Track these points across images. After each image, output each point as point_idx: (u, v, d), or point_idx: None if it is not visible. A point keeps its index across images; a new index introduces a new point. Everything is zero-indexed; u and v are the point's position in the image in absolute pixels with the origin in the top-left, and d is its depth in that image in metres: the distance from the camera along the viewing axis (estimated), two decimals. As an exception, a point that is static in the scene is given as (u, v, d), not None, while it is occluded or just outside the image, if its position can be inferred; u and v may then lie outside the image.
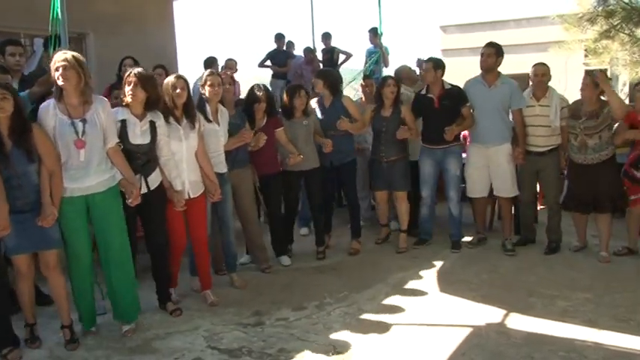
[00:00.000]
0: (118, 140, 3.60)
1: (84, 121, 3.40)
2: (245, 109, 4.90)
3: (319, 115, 5.32)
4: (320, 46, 9.53)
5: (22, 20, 6.61)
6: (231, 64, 8.13)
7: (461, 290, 4.41)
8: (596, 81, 4.80)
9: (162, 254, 4.05)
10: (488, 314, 3.94)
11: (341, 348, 3.50)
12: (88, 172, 3.44)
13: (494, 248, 5.43)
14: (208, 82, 4.30)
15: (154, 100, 3.77)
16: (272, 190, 5.05)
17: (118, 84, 4.93)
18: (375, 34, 8.87)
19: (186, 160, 4.03)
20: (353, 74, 9.82)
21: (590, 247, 5.31)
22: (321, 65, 9.32)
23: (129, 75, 3.70)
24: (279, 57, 9.65)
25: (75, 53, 3.39)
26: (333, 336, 3.67)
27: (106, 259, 3.65)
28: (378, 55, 8.61)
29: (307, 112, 5.16)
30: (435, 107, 5.25)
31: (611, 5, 8.40)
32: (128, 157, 3.67)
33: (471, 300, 4.21)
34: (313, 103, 5.40)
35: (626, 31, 8.52)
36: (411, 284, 4.61)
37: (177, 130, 3.96)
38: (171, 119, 3.94)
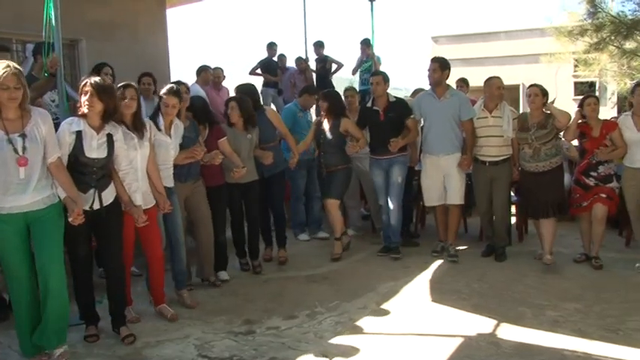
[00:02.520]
0: (59, 154, 3.34)
1: (23, 136, 3.15)
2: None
3: None
4: (313, 55, 9.54)
5: (13, 26, 6.59)
6: (217, 73, 8.10)
7: (451, 300, 4.42)
8: (543, 89, 5.15)
9: (119, 276, 3.84)
10: (478, 324, 3.95)
11: (332, 357, 3.49)
12: (27, 188, 3.19)
13: (485, 258, 5.46)
14: (163, 102, 4.21)
15: (111, 112, 3.56)
16: (220, 202, 4.87)
17: None
18: (367, 45, 8.94)
19: (140, 169, 3.88)
20: (345, 83, 9.84)
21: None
22: (314, 75, 9.37)
23: (85, 84, 3.48)
24: (271, 66, 9.66)
25: (14, 64, 3.14)
26: (324, 345, 3.67)
27: (44, 286, 3.31)
28: (369, 64, 8.67)
29: (249, 126, 5.03)
30: (380, 120, 5.44)
31: (601, 18, 8.51)
32: (82, 170, 3.49)
33: (461, 309, 4.22)
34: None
35: (615, 44, 8.64)
36: (402, 293, 4.62)
37: (132, 138, 3.80)
38: (124, 127, 3.76)
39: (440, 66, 5.38)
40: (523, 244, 5.98)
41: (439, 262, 5.40)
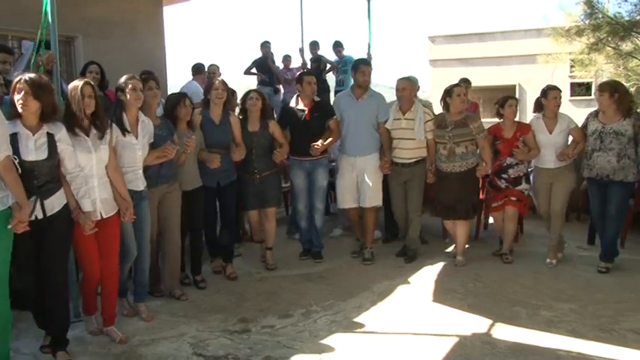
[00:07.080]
0: (8, 153, 2.96)
1: None
2: (168, 116, 4.48)
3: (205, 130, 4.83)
4: (308, 55, 9.64)
5: (10, 22, 6.57)
6: (213, 69, 8.11)
7: (446, 299, 4.43)
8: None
9: (58, 295, 3.44)
10: (473, 323, 3.96)
11: (327, 356, 3.50)
12: None
13: (480, 258, 5.46)
14: (130, 86, 3.82)
15: (49, 111, 3.21)
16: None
17: None
18: (339, 47, 9.53)
19: (97, 175, 3.52)
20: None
21: (574, 259, 5.38)
22: None
23: (18, 81, 3.13)
24: (266, 65, 9.70)
25: None
26: (319, 344, 3.67)
27: None
28: (348, 65, 8.84)
29: (192, 126, 4.62)
30: (305, 119, 5.29)
31: (598, 19, 8.53)
32: (23, 176, 3.08)
33: (456, 309, 4.23)
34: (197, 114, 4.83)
35: (611, 45, 8.65)
36: (397, 293, 4.62)
37: (85, 141, 3.44)
38: (77, 130, 3.41)
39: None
40: (518, 244, 5.97)
41: (434, 262, 5.39)
